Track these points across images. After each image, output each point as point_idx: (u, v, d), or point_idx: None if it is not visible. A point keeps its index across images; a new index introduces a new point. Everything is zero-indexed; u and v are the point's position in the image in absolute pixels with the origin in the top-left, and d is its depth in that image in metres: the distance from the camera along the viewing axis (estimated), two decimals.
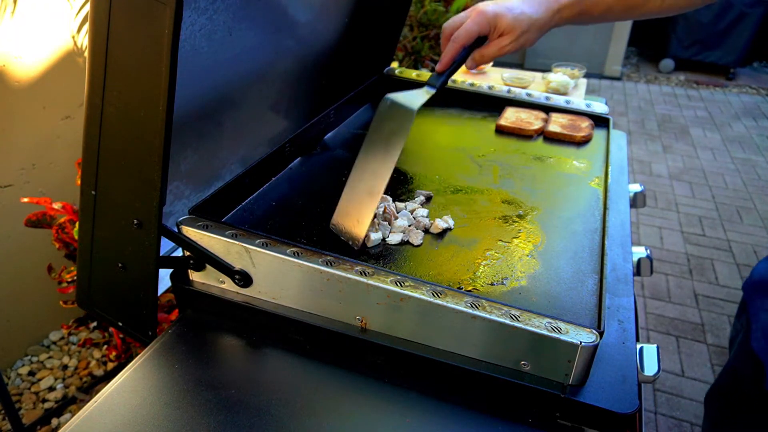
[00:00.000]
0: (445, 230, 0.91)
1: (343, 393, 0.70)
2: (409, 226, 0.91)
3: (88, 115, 0.66)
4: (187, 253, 0.79)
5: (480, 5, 0.93)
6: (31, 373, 2.02)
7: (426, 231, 0.91)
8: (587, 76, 2.78)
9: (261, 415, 0.65)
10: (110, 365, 2.06)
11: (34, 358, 2.08)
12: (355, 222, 0.85)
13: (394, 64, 1.56)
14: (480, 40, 0.93)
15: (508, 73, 2.58)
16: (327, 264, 0.72)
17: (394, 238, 0.88)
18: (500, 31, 0.92)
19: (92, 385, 1.98)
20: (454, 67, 0.92)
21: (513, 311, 0.67)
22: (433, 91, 0.87)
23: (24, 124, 1.79)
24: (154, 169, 0.64)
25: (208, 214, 0.82)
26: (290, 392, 0.69)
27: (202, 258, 0.78)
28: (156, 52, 0.58)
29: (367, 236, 0.85)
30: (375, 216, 0.89)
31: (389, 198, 0.98)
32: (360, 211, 0.84)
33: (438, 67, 0.92)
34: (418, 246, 0.87)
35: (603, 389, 0.66)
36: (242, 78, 0.97)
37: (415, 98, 0.84)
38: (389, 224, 0.90)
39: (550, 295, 0.78)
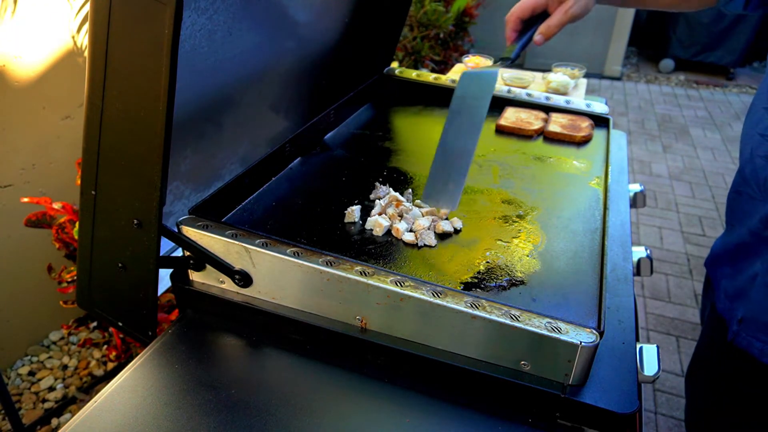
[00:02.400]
0: (449, 233, 0.91)
1: (343, 393, 0.70)
2: (428, 226, 0.91)
3: (88, 115, 0.66)
4: (187, 253, 0.79)
5: None
6: (31, 373, 2.02)
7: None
8: (587, 76, 2.78)
9: (261, 415, 0.65)
10: (110, 365, 2.06)
11: (34, 358, 2.08)
12: (450, 185, 0.93)
13: (394, 64, 1.56)
14: (544, 16, 0.96)
15: (508, 73, 2.58)
16: (327, 264, 0.72)
17: (409, 236, 0.88)
18: (559, 0, 0.94)
19: (92, 385, 1.98)
20: (522, 42, 0.96)
21: (513, 311, 0.67)
22: (508, 63, 0.98)
23: (24, 124, 1.79)
24: (154, 169, 0.64)
25: (208, 214, 0.82)
26: (290, 392, 0.69)
27: (202, 258, 0.78)
28: (156, 52, 0.58)
29: (397, 230, 0.89)
30: (401, 212, 0.94)
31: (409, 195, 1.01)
32: (451, 174, 0.93)
33: (507, 44, 1.00)
34: (431, 247, 0.88)
35: (603, 389, 0.66)
36: (242, 78, 0.97)
37: (493, 69, 0.97)
38: (408, 220, 0.92)
39: (550, 295, 0.78)
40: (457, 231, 0.91)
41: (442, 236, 0.90)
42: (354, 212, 0.92)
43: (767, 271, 0.88)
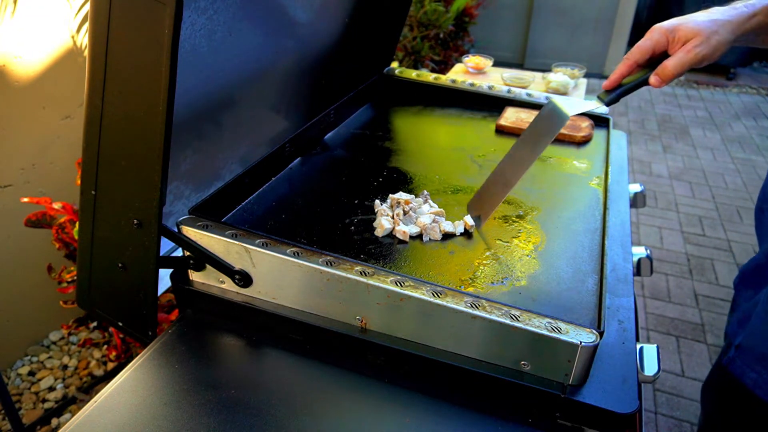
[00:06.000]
0: (450, 233, 0.91)
1: (343, 393, 0.70)
2: (432, 223, 0.91)
3: (88, 115, 0.66)
4: (187, 253, 0.79)
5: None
6: (31, 373, 2.02)
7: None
8: (587, 76, 2.78)
9: (261, 415, 0.65)
10: (110, 365, 2.06)
11: (34, 358, 2.08)
12: (485, 206, 0.90)
13: (394, 64, 1.56)
14: (662, 58, 0.83)
15: (508, 73, 2.58)
16: (327, 264, 0.72)
17: (414, 230, 0.89)
18: (683, 40, 0.81)
19: (92, 385, 1.98)
20: (628, 87, 0.85)
21: (513, 311, 0.67)
22: (600, 104, 0.86)
23: (24, 124, 1.79)
24: (154, 169, 0.64)
25: (208, 214, 0.82)
26: (290, 392, 0.69)
27: (202, 258, 0.78)
28: (156, 52, 0.58)
29: (404, 232, 0.89)
30: (401, 213, 0.93)
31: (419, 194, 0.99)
32: (491, 199, 0.90)
33: (604, 83, 0.87)
34: (436, 241, 0.89)
35: (603, 389, 0.66)
36: (242, 78, 0.97)
37: (575, 106, 0.84)
38: (413, 219, 0.93)
39: (550, 295, 0.78)
40: (460, 234, 0.91)
41: (444, 237, 0.90)
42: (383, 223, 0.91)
43: None
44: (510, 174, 0.87)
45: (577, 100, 0.86)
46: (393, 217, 0.92)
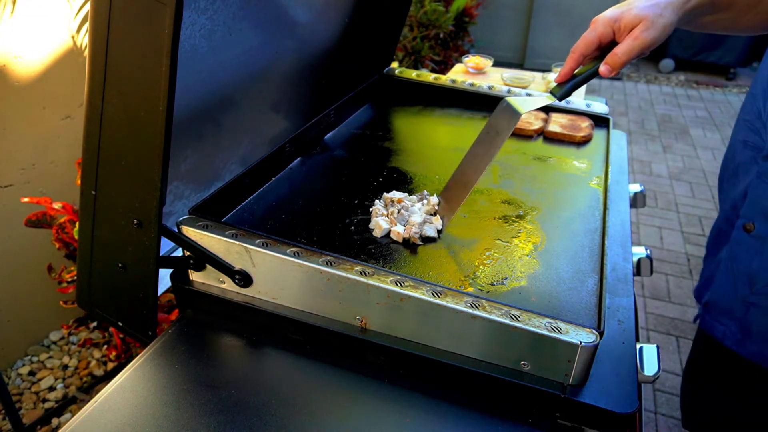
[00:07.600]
0: (432, 238, 0.90)
1: (343, 393, 0.70)
2: (423, 222, 0.91)
3: (88, 115, 0.66)
4: (187, 253, 0.79)
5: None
6: (32, 373, 2.02)
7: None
8: None
9: (261, 415, 0.65)
10: (110, 365, 2.06)
11: (35, 358, 2.08)
12: (447, 207, 0.92)
13: (394, 64, 1.56)
14: (609, 49, 0.83)
15: (508, 73, 2.58)
16: (327, 264, 0.72)
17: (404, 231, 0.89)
18: (629, 27, 0.80)
19: (92, 385, 1.98)
20: (578, 80, 0.85)
21: (513, 311, 0.67)
22: (553, 99, 0.86)
23: (24, 124, 1.79)
24: (154, 169, 0.64)
25: (208, 214, 0.82)
26: (290, 392, 0.69)
27: (202, 258, 0.78)
28: (156, 52, 0.58)
29: (398, 233, 0.89)
30: (393, 213, 0.93)
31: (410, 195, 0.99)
32: (453, 199, 0.91)
33: (556, 77, 0.87)
34: (434, 238, 0.89)
35: (603, 389, 0.66)
36: (242, 78, 0.97)
37: (528, 103, 0.84)
38: (406, 220, 0.92)
39: (550, 295, 0.78)
40: (439, 232, 0.90)
41: (440, 235, 0.90)
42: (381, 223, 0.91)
43: (730, 256, 0.93)
44: (470, 174, 0.88)
45: (533, 97, 0.87)
46: (388, 216, 0.92)
